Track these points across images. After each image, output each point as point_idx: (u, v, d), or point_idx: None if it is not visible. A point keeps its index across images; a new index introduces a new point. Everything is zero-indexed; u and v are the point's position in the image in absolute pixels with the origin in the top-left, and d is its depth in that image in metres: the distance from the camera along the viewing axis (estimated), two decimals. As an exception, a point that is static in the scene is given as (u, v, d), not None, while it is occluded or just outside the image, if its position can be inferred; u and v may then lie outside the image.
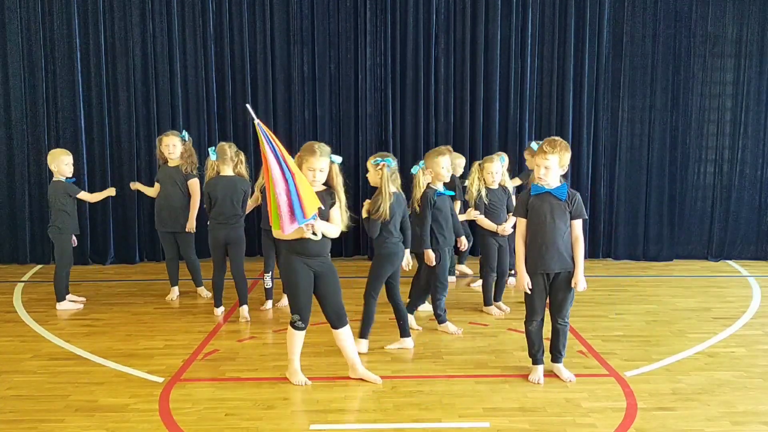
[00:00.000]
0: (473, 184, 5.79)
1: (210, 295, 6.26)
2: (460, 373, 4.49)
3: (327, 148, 4.13)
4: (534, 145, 5.46)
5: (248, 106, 4.00)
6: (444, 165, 5.17)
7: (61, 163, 5.84)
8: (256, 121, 3.84)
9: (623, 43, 7.70)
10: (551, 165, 4.09)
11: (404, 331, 4.95)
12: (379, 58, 7.75)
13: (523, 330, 4.42)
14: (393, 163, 4.76)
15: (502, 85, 7.80)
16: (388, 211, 4.65)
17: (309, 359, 4.62)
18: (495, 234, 5.76)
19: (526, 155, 6.70)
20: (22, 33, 7.51)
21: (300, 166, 4.01)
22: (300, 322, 4.20)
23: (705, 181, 7.92)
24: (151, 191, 6.32)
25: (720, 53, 7.71)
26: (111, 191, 6.27)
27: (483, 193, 5.74)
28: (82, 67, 7.58)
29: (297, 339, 4.27)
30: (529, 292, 4.24)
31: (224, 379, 4.41)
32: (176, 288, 6.33)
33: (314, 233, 3.97)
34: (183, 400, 4.08)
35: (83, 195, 5.97)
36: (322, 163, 4.06)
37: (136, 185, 6.50)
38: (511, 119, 7.82)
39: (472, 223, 6.21)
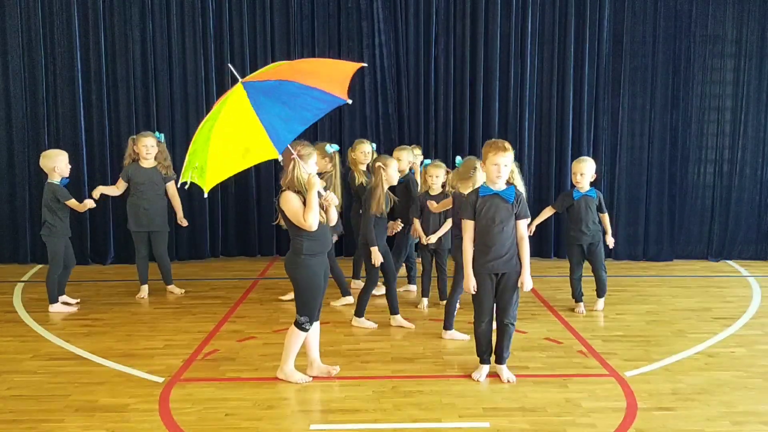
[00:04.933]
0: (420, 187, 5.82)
1: (182, 291, 6.42)
2: (460, 373, 4.49)
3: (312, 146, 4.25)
4: (458, 159, 5.28)
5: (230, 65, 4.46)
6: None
7: (61, 163, 5.79)
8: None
9: (623, 43, 7.68)
10: (510, 162, 4.12)
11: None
12: (380, 59, 7.75)
13: (522, 330, 4.43)
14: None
15: (502, 84, 7.78)
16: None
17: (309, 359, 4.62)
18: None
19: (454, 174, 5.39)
20: (23, 33, 7.50)
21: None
22: (308, 324, 4.20)
23: (705, 181, 7.90)
24: (115, 190, 6.29)
25: (720, 53, 7.69)
26: (90, 204, 5.86)
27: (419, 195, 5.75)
28: (82, 67, 7.57)
29: (300, 340, 4.26)
30: (474, 292, 4.24)
31: (224, 379, 4.40)
32: (146, 286, 6.41)
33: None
34: (183, 400, 4.08)
35: (72, 203, 5.80)
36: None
37: (98, 191, 6.05)
38: (511, 119, 7.80)
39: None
